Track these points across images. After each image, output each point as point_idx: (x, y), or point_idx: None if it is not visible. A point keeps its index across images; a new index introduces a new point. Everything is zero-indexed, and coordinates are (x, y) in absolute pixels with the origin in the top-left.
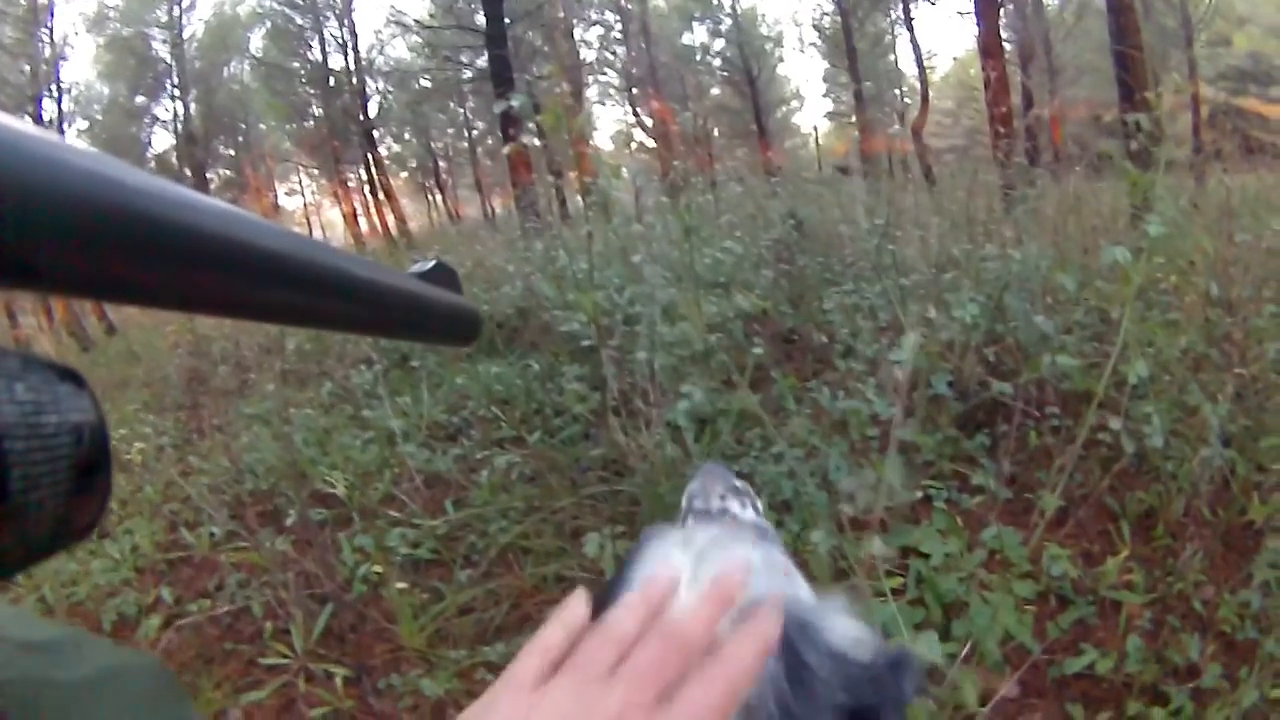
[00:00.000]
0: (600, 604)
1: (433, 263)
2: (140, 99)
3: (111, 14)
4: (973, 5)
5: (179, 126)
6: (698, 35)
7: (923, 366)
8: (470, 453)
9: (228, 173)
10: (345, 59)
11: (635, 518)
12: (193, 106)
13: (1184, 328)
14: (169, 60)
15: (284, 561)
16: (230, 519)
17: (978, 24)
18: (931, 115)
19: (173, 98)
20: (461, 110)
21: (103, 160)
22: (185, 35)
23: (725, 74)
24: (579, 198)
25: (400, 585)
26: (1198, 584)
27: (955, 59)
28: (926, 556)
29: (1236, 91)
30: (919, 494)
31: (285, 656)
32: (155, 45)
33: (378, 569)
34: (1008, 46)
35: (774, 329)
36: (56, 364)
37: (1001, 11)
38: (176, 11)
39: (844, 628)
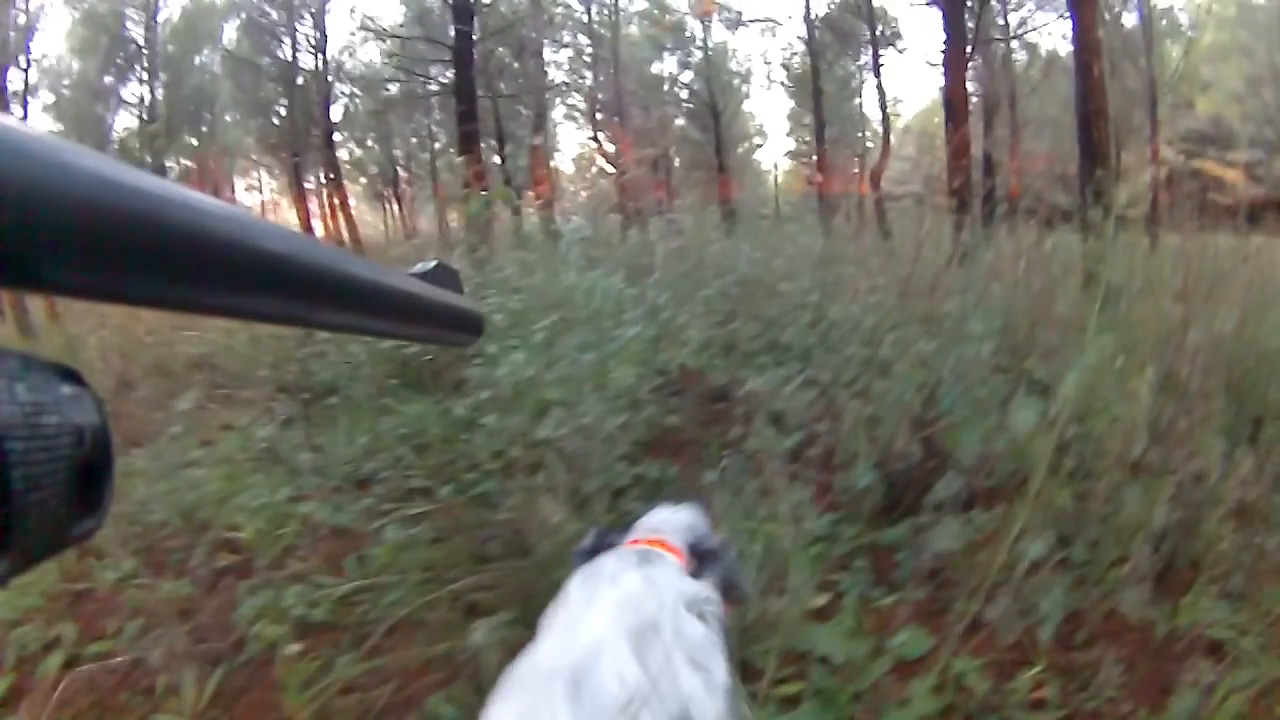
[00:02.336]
0: None
1: (434, 263)
2: (109, 79)
3: None
4: (941, 56)
5: (144, 111)
6: (667, 66)
7: (850, 447)
8: (379, 503)
9: (187, 163)
10: (315, 60)
11: (535, 600)
12: (160, 91)
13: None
14: (141, 42)
15: (183, 611)
16: (136, 554)
17: (945, 76)
18: (893, 161)
19: (141, 81)
20: (426, 122)
21: (106, 161)
22: (160, 19)
23: (690, 106)
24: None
25: (294, 648)
26: (1113, 700)
27: (919, 111)
28: (828, 662)
29: (1196, 153)
30: (826, 595)
31: (177, 715)
32: (130, 25)
33: (274, 628)
34: (974, 100)
35: (703, 386)
36: (58, 364)
37: (969, 65)
38: None
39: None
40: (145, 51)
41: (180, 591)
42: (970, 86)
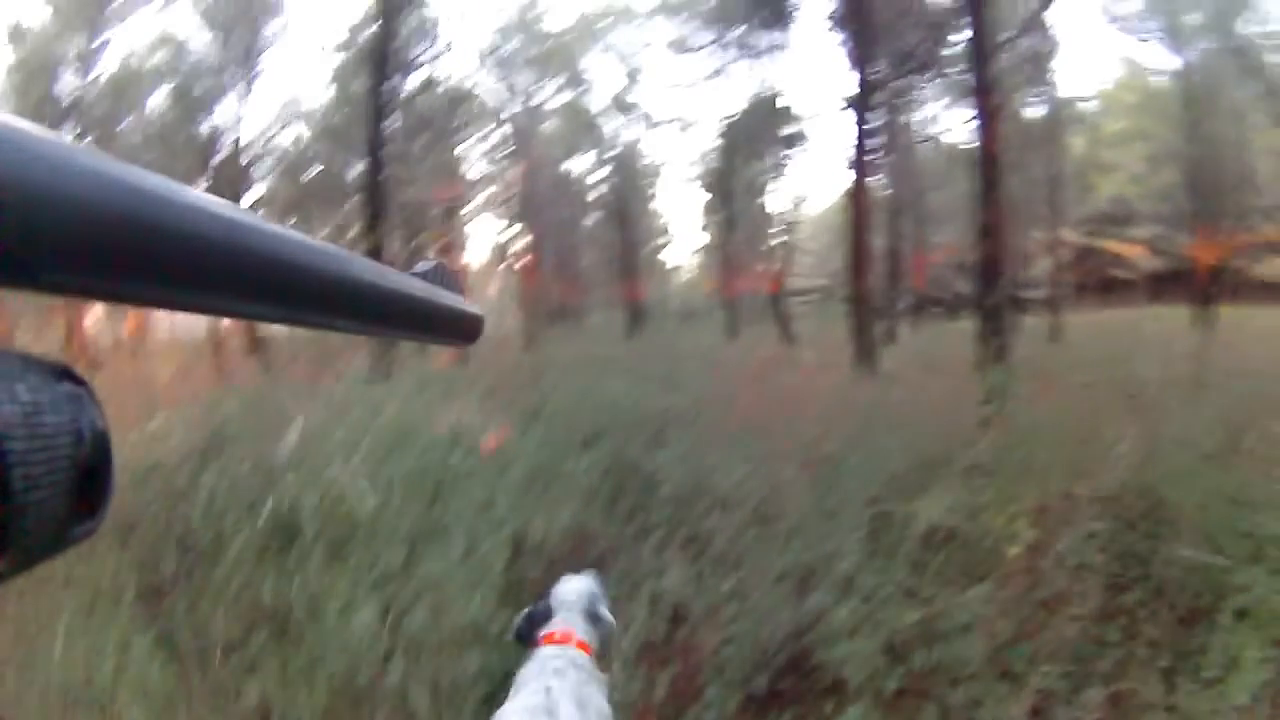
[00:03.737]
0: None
1: (434, 263)
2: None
3: (28, 34)
4: (851, 157)
5: None
6: (580, 164)
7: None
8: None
9: None
10: (235, 137)
11: None
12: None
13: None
14: (71, 100)
15: None
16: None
17: (854, 176)
18: (800, 254)
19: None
20: (341, 209)
21: (107, 161)
22: (91, 76)
23: (603, 204)
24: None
25: None
26: None
27: (827, 207)
28: None
29: (1098, 233)
30: None
31: None
32: (63, 77)
33: None
34: (884, 191)
35: (580, 549)
36: (58, 364)
37: (882, 164)
38: (90, 46)
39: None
40: (75, 109)
41: None
42: (880, 179)
